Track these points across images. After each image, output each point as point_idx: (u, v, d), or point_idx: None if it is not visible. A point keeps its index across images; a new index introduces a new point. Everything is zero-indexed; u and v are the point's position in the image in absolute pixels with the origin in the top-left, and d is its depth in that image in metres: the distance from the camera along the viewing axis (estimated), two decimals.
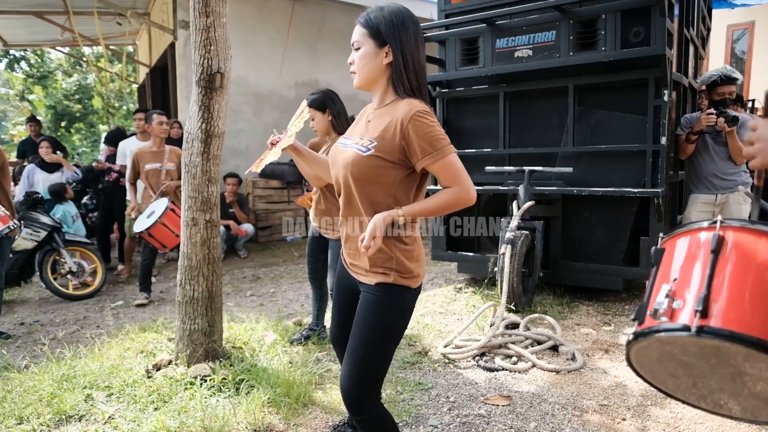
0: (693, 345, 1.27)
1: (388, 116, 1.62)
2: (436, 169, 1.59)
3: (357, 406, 1.67)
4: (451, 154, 1.59)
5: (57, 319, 4.43)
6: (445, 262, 5.58)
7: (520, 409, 2.59)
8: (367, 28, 1.63)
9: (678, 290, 1.25)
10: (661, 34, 3.67)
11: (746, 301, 1.16)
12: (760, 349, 1.12)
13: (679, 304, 1.23)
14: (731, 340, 1.14)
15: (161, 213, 4.40)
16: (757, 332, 1.12)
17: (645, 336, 1.29)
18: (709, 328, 1.16)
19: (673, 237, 1.38)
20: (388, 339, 1.67)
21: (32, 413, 2.52)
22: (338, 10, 8.40)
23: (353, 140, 1.69)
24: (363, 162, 1.60)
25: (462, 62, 4.59)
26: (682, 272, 1.29)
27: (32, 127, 7.71)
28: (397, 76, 1.62)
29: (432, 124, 1.57)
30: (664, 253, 1.37)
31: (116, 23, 8.86)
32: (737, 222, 1.25)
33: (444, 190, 1.61)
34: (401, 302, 1.67)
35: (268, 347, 3.33)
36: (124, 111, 18.24)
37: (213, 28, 2.79)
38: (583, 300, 4.28)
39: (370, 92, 1.72)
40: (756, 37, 8.57)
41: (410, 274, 1.65)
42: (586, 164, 4.18)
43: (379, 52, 1.62)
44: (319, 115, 3.12)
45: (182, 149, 3.04)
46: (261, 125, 7.98)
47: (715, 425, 2.41)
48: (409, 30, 1.63)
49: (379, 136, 1.60)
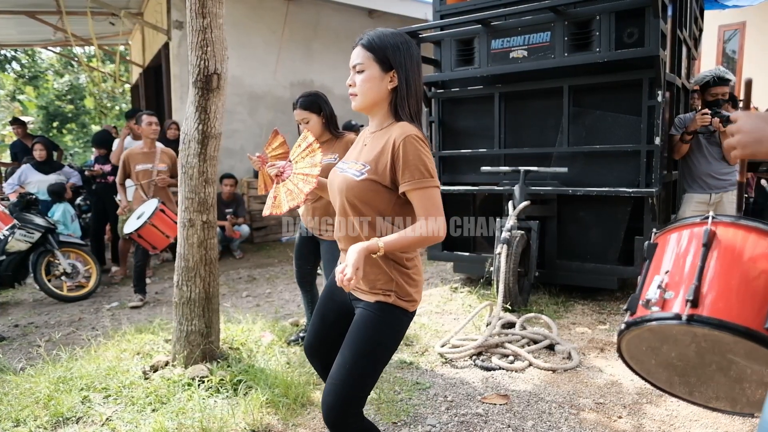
0: (683, 334, 1.31)
1: (383, 139, 1.63)
2: (415, 197, 1.57)
3: (338, 424, 1.61)
4: (432, 188, 1.57)
5: (52, 320, 4.41)
6: (441, 262, 5.60)
7: (517, 408, 2.61)
8: (372, 52, 1.62)
9: (670, 282, 1.30)
10: (655, 35, 3.71)
11: (736, 293, 1.21)
12: (748, 338, 1.16)
13: (671, 294, 1.28)
14: (720, 329, 1.18)
15: (150, 214, 4.37)
16: (746, 322, 1.16)
17: (637, 325, 1.33)
18: (699, 317, 1.21)
19: (665, 232, 1.43)
20: (378, 357, 1.64)
21: (29, 415, 2.51)
22: (333, 10, 8.40)
23: (348, 164, 1.70)
24: (356, 186, 1.60)
25: (457, 63, 4.61)
26: (674, 265, 1.33)
27: (16, 129, 7.63)
28: (400, 102, 1.63)
29: (423, 151, 1.56)
30: (657, 248, 1.42)
31: (109, 23, 8.80)
32: (728, 218, 1.30)
33: (419, 223, 1.57)
34: (397, 323, 1.66)
35: (266, 348, 3.33)
36: (116, 111, 18.15)
37: (210, 29, 2.79)
38: (578, 299, 4.31)
39: (367, 115, 1.73)
40: (747, 37, 8.65)
41: (409, 297, 1.66)
42: (581, 164, 4.21)
43: (384, 76, 1.62)
44: (315, 117, 3.05)
45: (179, 150, 3.04)
46: (256, 126, 7.97)
47: (709, 422, 2.44)
48: (413, 56, 1.65)
49: (372, 160, 1.61)
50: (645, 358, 1.51)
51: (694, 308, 1.22)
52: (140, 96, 10.10)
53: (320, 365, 1.92)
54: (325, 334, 1.85)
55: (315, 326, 1.88)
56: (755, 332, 1.15)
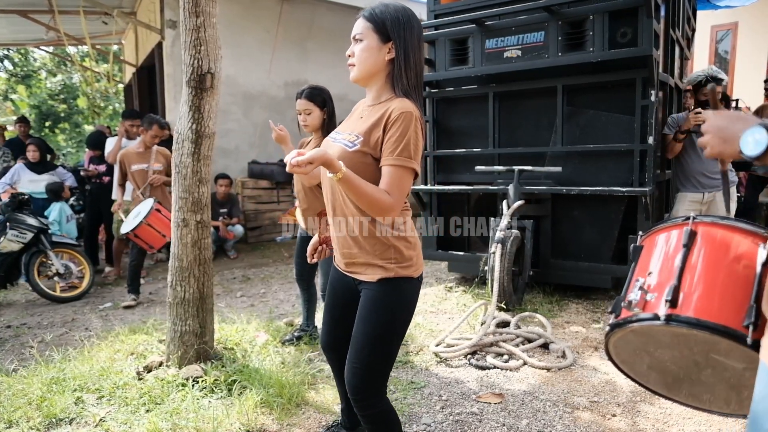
0: (664, 335, 1.32)
1: (379, 112, 1.62)
2: (386, 171, 1.56)
3: (363, 402, 1.68)
4: (408, 170, 1.55)
5: (44, 321, 4.38)
6: (436, 262, 5.60)
7: (512, 407, 2.61)
8: (371, 23, 1.62)
9: (651, 283, 1.31)
10: (648, 35, 3.72)
11: (716, 292, 1.22)
12: (726, 336, 1.17)
13: (652, 296, 1.29)
14: (698, 328, 1.19)
15: (146, 214, 4.37)
16: (724, 320, 1.17)
17: (620, 326, 1.35)
18: (677, 316, 1.22)
19: (651, 234, 1.45)
20: (393, 335, 1.67)
21: (21, 417, 2.49)
22: (327, 10, 8.38)
23: (342, 135, 1.69)
24: (348, 157, 1.59)
25: (452, 62, 4.61)
26: (657, 266, 1.35)
27: (21, 127, 7.63)
28: (398, 73, 1.63)
29: (414, 131, 1.55)
30: (643, 250, 1.43)
31: (102, 22, 8.75)
32: (709, 218, 1.31)
33: (379, 188, 1.55)
34: (405, 295, 1.67)
35: (260, 348, 3.32)
36: (110, 111, 18.05)
37: (203, 28, 2.78)
38: (572, 298, 4.32)
39: (365, 87, 1.72)
40: (739, 37, 8.70)
41: (409, 262, 1.65)
42: (575, 164, 4.22)
43: (382, 47, 1.62)
44: (317, 110, 3.01)
45: (173, 150, 3.02)
46: (250, 125, 7.95)
47: (703, 420, 2.45)
48: (414, 29, 1.65)
49: (366, 131, 1.61)
50: (636, 361, 1.52)
51: (672, 308, 1.22)
52: (133, 96, 10.05)
53: (337, 364, 1.95)
54: (336, 329, 1.89)
55: (325, 323, 1.93)
56: (733, 330, 1.15)
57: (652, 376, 1.53)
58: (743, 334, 1.14)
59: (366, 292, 1.68)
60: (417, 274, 1.69)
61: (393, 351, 1.70)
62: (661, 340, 1.36)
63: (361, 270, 1.69)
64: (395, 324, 1.67)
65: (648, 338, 1.38)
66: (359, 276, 1.70)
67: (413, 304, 1.71)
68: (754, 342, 1.10)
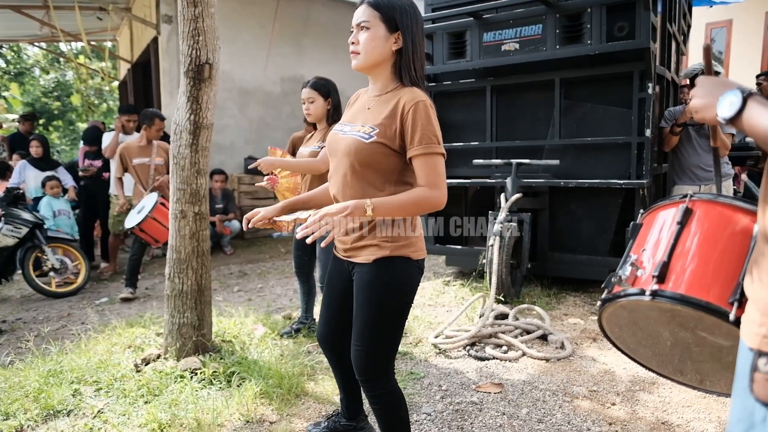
0: (652, 309, 1.34)
1: (390, 103, 1.62)
2: (418, 164, 1.57)
3: (370, 382, 1.69)
4: (438, 155, 1.58)
5: (40, 316, 4.35)
6: (434, 256, 5.59)
7: (511, 396, 2.61)
8: (379, 11, 1.61)
9: (643, 259, 1.33)
10: (646, 28, 3.73)
11: (708, 268, 1.23)
12: (709, 312, 1.17)
13: (642, 272, 1.30)
14: (683, 304, 1.21)
15: (151, 208, 4.38)
16: (711, 297, 1.17)
17: (610, 301, 1.37)
18: (662, 291, 1.23)
19: (651, 212, 1.45)
20: (391, 315, 1.66)
21: (19, 409, 2.47)
22: (323, 5, 8.36)
23: (353, 127, 1.68)
24: (366, 149, 1.60)
25: (449, 56, 4.60)
26: (651, 243, 1.36)
27: (24, 123, 7.56)
28: (406, 64, 1.63)
29: (432, 118, 1.58)
30: (641, 228, 1.43)
31: (97, 18, 8.70)
32: (708, 196, 1.32)
33: (417, 188, 1.57)
34: (400, 275, 1.65)
35: (259, 340, 3.31)
36: (104, 108, 17.95)
37: (201, 18, 2.76)
38: (570, 291, 4.33)
39: (368, 75, 1.71)
40: (734, 35, 8.74)
41: (407, 241, 1.64)
42: (573, 157, 4.23)
43: (389, 37, 1.62)
44: (321, 100, 3.03)
45: (170, 141, 3.01)
46: (246, 121, 7.92)
47: (702, 407, 2.46)
48: (419, 20, 1.66)
49: (381, 123, 1.60)
50: (630, 338, 1.53)
51: (659, 283, 1.24)
52: (128, 92, 10.00)
53: (333, 357, 1.95)
54: (332, 321, 1.89)
55: (322, 315, 1.93)
56: (716, 307, 1.16)
57: (648, 354, 1.54)
58: (726, 310, 1.14)
59: (361, 275, 1.67)
60: (416, 256, 1.67)
61: (393, 332, 1.69)
62: (650, 315, 1.37)
63: (358, 250, 1.68)
64: (392, 303, 1.65)
65: (638, 314, 1.39)
66: (357, 258, 1.69)
67: (411, 285, 1.68)
68: (737, 319, 1.10)
